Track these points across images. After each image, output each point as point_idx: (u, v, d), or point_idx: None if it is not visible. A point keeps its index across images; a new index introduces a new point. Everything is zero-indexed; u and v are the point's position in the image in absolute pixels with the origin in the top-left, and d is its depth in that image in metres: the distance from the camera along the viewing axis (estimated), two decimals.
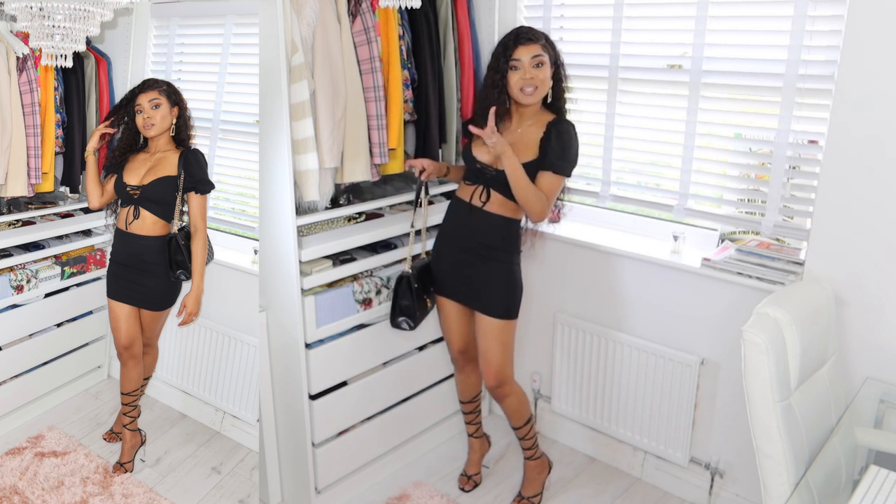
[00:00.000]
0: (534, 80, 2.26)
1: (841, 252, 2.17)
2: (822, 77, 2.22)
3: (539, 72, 2.26)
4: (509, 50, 2.27)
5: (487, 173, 2.36)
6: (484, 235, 2.39)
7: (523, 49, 2.25)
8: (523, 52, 2.25)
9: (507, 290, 2.43)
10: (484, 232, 2.39)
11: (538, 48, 2.26)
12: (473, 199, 2.39)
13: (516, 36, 2.28)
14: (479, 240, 2.40)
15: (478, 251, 2.40)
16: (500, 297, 2.42)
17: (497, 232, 2.39)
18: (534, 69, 2.26)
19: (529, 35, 2.27)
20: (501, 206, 2.36)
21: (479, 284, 2.43)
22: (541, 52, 2.26)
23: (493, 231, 2.38)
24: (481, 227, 2.39)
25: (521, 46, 2.25)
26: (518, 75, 2.26)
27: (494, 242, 2.39)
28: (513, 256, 2.45)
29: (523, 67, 2.26)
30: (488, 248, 2.40)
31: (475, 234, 2.40)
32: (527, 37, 2.27)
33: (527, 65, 2.25)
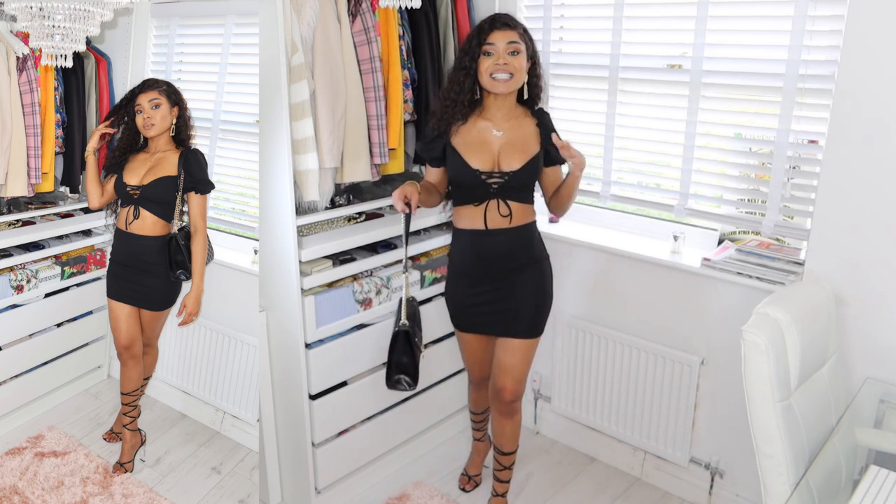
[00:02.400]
0: (507, 67, 2.12)
1: (841, 252, 2.17)
2: (822, 77, 2.22)
3: (514, 60, 2.12)
4: (484, 34, 2.13)
5: (495, 182, 2.19)
6: (513, 255, 2.25)
7: (499, 34, 2.12)
8: (498, 37, 2.12)
9: (539, 306, 2.31)
10: (513, 251, 2.24)
11: (515, 35, 2.13)
12: (490, 221, 2.21)
13: (492, 20, 2.15)
14: (508, 264, 2.25)
15: (507, 274, 2.26)
16: (530, 316, 2.29)
17: (526, 243, 2.27)
18: (508, 56, 2.12)
19: (507, 20, 2.15)
20: (523, 214, 2.23)
21: (509, 310, 2.28)
22: (517, 40, 2.13)
23: (522, 245, 2.26)
24: (508, 247, 2.24)
25: (496, 31, 2.12)
26: (490, 60, 2.12)
27: (526, 257, 2.26)
28: (542, 264, 2.32)
29: (497, 53, 2.12)
30: (520, 264, 2.26)
31: (502, 258, 2.25)
32: (504, 21, 2.14)
33: (501, 51, 2.12)
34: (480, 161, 2.19)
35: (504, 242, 2.23)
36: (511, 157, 2.20)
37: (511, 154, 2.20)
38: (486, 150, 2.21)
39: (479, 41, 2.13)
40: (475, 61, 2.14)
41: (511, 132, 2.22)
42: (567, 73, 2.83)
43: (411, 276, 2.72)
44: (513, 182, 2.18)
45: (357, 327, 2.62)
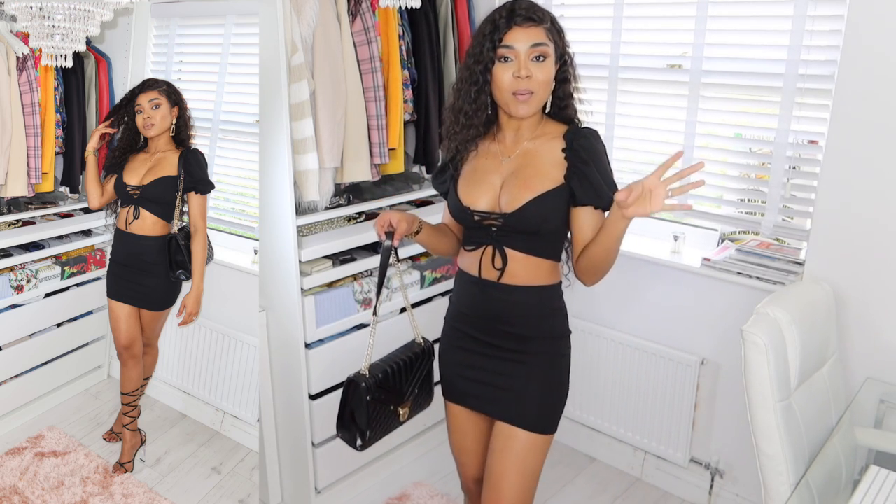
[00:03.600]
0: (530, 83, 1.58)
1: (841, 252, 2.17)
2: (822, 77, 2.22)
3: (540, 69, 1.58)
4: (500, 32, 1.58)
5: (493, 225, 1.68)
6: (510, 320, 1.71)
7: (520, 32, 1.57)
8: (519, 37, 1.57)
9: (548, 392, 1.74)
10: (509, 316, 1.71)
11: (541, 33, 1.58)
12: (484, 271, 1.71)
13: (510, 13, 1.59)
14: (504, 328, 1.72)
15: (503, 344, 1.73)
16: (534, 402, 1.72)
17: (529, 312, 1.70)
18: (532, 63, 1.58)
19: (531, 14, 1.58)
20: (527, 270, 1.69)
21: (507, 385, 1.74)
22: (544, 41, 1.58)
23: (522, 312, 1.70)
24: (503, 309, 1.70)
25: (516, 28, 1.57)
26: (509, 71, 1.58)
27: (527, 329, 1.71)
28: (557, 344, 1.75)
29: (517, 60, 1.57)
30: (518, 338, 1.72)
31: (496, 321, 1.73)
32: (526, 15, 1.58)
33: (523, 56, 1.57)
34: (475, 196, 1.70)
35: (496, 301, 1.71)
36: (512, 192, 1.65)
37: (513, 188, 1.66)
38: (487, 182, 1.70)
39: (493, 43, 1.59)
40: (489, 71, 1.61)
41: (523, 158, 1.68)
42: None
43: (410, 276, 2.72)
44: (510, 226, 1.66)
45: (357, 327, 2.62)
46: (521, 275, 1.69)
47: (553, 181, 1.64)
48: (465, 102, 1.68)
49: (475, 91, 1.65)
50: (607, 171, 1.65)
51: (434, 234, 1.83)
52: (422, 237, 1.80)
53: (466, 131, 1.71)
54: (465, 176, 1.75)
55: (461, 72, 1.69)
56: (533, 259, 1.68)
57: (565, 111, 1.71)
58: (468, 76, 1.65)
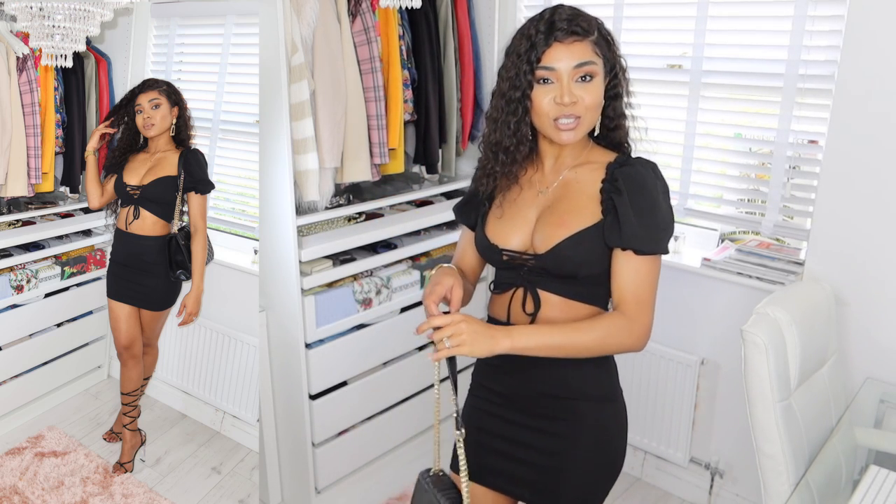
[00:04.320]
0: (576, 108, 1.36)
1: (841, 252, 2.17)
2: (822, 77, 2.22)
3: (587, 91, 1.36)
4: (537, 50, 1.35)
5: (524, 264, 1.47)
6: (542, 378, 1.46)
7: (562, 50, 1.34)
8: (562, 56, 1.34)
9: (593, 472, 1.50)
10: (545, 375, 1.46)
11: (588, 49, 1.35)
12: (514, 315, 1.49)
13: (550, 26, 1.35)
14: (540, 388, 1.48)
15: (538, 409, 1.49)
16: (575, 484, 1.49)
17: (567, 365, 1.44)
18: (578, 85, 1.35)
19: (574, 26, 1.34)
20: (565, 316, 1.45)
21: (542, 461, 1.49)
22: (591, 58, 1.35)
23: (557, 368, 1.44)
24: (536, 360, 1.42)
25: (557, 45, 1.34)
26: (551, 94, 1.36)
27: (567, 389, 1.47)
28: (605, 409, 1.50)
29: (560, 82, 1.35)
30: (556, 400, 1.48)
31: (530, 382, 1.49)
32: (569, 29, 1.34)
33: (566, 78, 1.35)
34: (506, 234, 1.49)
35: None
36: (546, 229, 1.44)
37: (547, 225, 1.44)
38: (521, 217, 1.49)
39: (531, 65, 1.36)
40: (527, 97, 1.39)
41: (562, 190, 1.47)
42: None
43: (410, 276, 2.72)
44: (543, 267, 1.44)
45: (357, 327, 2.62)
46: (555, 321, 1.44)
47: (592, 217, 1.41)
48: (503, 135, 1.44)
49: (514, 122, 1.42)
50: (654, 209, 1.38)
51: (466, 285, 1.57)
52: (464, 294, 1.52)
53: (508, 167, 1.48)
54: (496, 209, 1.54)
55: (496, 99, 1.46)
56: (572, 304, 1.45)
57: (615, 133, 1.48)
58: (504, 105, 1.42)
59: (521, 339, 1.35)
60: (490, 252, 1.52)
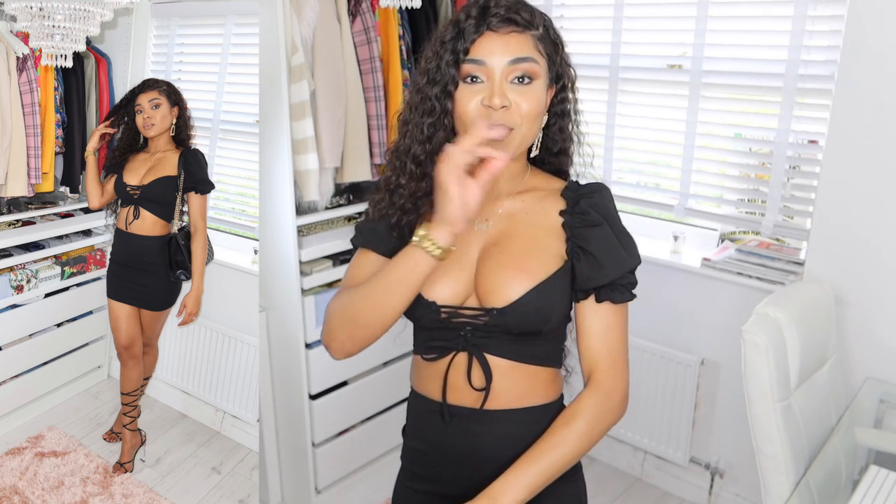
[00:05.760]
0: (508, 115, 1.08)
1: (841, 252, 2.17)
2: (822, 77, 2.22)
3: (524, 95, 1.09)
4: (466, 38, 1.09)
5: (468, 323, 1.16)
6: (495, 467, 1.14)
7: (495, 41, 1.09)
8: (495, 48, 1.08)
9: None
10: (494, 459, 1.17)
11: (528, 43, 1.10)
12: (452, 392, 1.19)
13: (484, 10, 1.10)
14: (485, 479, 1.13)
15: None
16: None
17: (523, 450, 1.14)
18: (514, 87, 1.09)
19: (513, 13, 1.09)
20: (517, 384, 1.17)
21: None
22: (531, 54, 1.10)
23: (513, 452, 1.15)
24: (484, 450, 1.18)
25: (490, 34, 1.09)
26: (479, 96, 1.09)
27: None
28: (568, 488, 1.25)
29: (491, 81, 1.09)
30: None
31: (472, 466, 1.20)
32: (505, 16, 1.09)
33: (498, 75, 1.08)
34: (441, 283, 1.16)
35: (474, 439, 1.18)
36: (498, 275, 1.15)
37: (499, 269, 1.15)
38: (457, 260, 1.15)
39: (456, 55, 1.09)
40: (449, 95, 1.11)
41: (507, 224, 1.18)
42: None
43: None
44: (501, 325, 1.14)
45: None
46: (508, 393, 1.16)
47: (556, 258, 1.15)
48: (413, 141, 1.15)
49: (429, 125, 1.13)
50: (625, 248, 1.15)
51: None
52: None
53: (417, 184, 1.15)
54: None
55: (410, 96, 1.17)
56: (525, 369, 1.17)
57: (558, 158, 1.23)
58: (419, 103, 1.13)
59: (514, 498, 1.07)
60: (423, 309, 1.15)
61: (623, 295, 1.15)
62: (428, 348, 1.21)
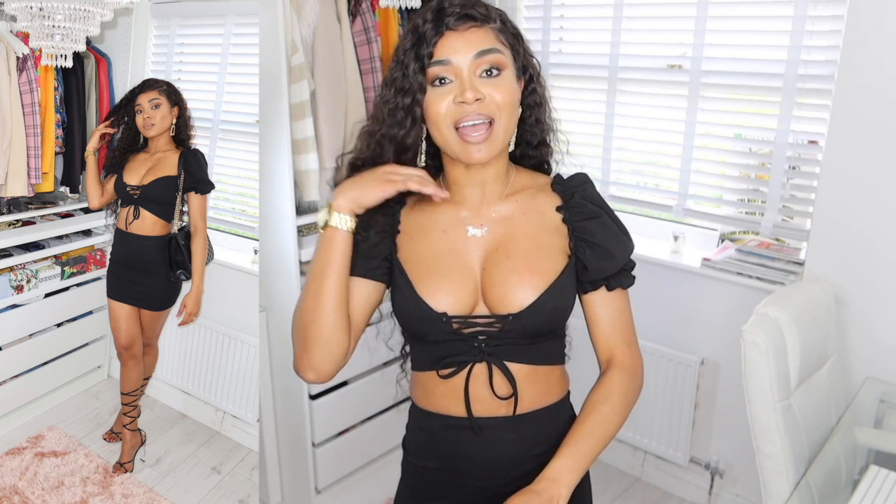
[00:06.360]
0: (483, 107, 1.08)
1: (841, 252, 2.17)
2: (822, 77, 2.22)
3: (495, 86, 1.09)
4: (428, 42, 1.08)
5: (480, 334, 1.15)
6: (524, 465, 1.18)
7: (456, 39, 1.08)
8: (458, 46, 1.08)
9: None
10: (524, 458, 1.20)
11: (489, 36, 1.10)
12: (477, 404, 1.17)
13: (440, 12, 1.09)
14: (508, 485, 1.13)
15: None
16: None
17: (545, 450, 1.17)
18: (484, 81, 1.09)
19: (469, 9, 1.09)
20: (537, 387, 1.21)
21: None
22: (495, 47, 1.09)
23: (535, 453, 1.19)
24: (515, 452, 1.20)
25: (451, 34, 1.08)
26: (450, 96, 1.08)
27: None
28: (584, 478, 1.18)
29: (460, 78, 1.08)
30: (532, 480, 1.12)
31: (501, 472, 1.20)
32: (464, 13, 1.09)
33: (466, 71, 1.08)
34: (445, 293, 1.15)
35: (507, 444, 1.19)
36: (509, 279, 1.15)
37: (509, 274, 1.15)
38: (459, 268, 1.17)
39: (421, 60, 1.08)
40: (418, 104, 1.10)
41: (505, 227, 1.18)
42: (566, 73, 2.83)
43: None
44: (518, 329, 1.15)
45: None
46: (530, 396, 1.18)
47: (562, 255, 1.16)
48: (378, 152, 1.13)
49: (402, 135, 1.11)
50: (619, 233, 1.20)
51: None
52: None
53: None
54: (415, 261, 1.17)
55: (376, 107, 1.14)
56: (538, 370, 1.19)
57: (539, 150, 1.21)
58: (388, 115, 1.11)
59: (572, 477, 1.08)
60: (432, 323, 1.14)
61: (629, 279, 1.21)
62: (443, 364, 1.18)
